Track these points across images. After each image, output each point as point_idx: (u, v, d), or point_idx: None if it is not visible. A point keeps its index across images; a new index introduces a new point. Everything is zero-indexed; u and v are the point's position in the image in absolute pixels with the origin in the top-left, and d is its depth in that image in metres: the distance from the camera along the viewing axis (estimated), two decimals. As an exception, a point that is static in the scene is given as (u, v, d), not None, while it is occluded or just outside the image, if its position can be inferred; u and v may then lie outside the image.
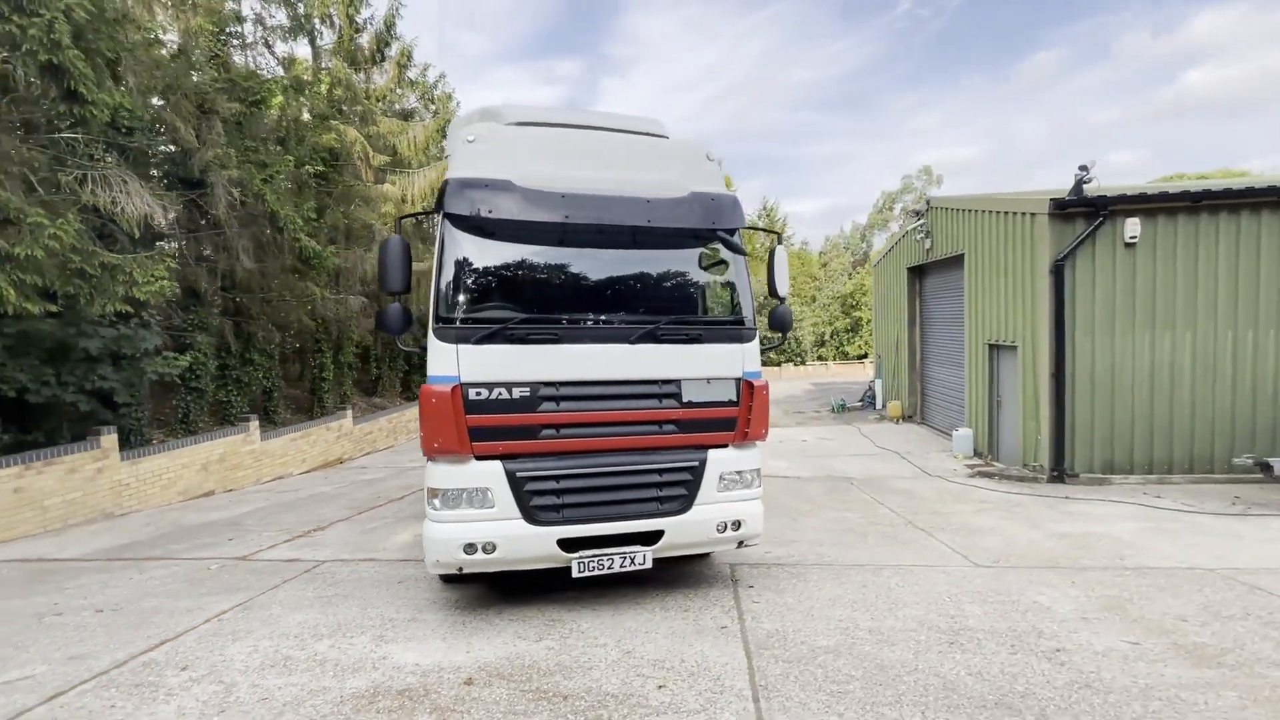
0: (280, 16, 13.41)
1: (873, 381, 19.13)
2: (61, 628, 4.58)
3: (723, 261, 4.95)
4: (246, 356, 12.84)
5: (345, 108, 14.78)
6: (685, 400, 4.58)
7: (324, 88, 14.43)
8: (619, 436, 4.48)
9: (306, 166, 12.39)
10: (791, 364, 34.46)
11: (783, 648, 3.96)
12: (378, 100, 16.37)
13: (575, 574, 4.34)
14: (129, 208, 7.76)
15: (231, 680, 3.68)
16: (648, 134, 5.29)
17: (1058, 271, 9.10)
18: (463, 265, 4.39)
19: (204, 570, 5.91)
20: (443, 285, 4.32)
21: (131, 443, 9.61)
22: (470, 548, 4.18)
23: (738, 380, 4.71)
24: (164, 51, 9.49)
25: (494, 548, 4.21)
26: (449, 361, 4.20)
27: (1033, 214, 9.59)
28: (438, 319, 4.26)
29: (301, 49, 15.39)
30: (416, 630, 4.34)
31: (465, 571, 4.32)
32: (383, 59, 16.26)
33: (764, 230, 5.64)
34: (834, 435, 14.85)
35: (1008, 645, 3.92)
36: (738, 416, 4.70)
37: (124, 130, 9.36)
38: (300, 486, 10.92)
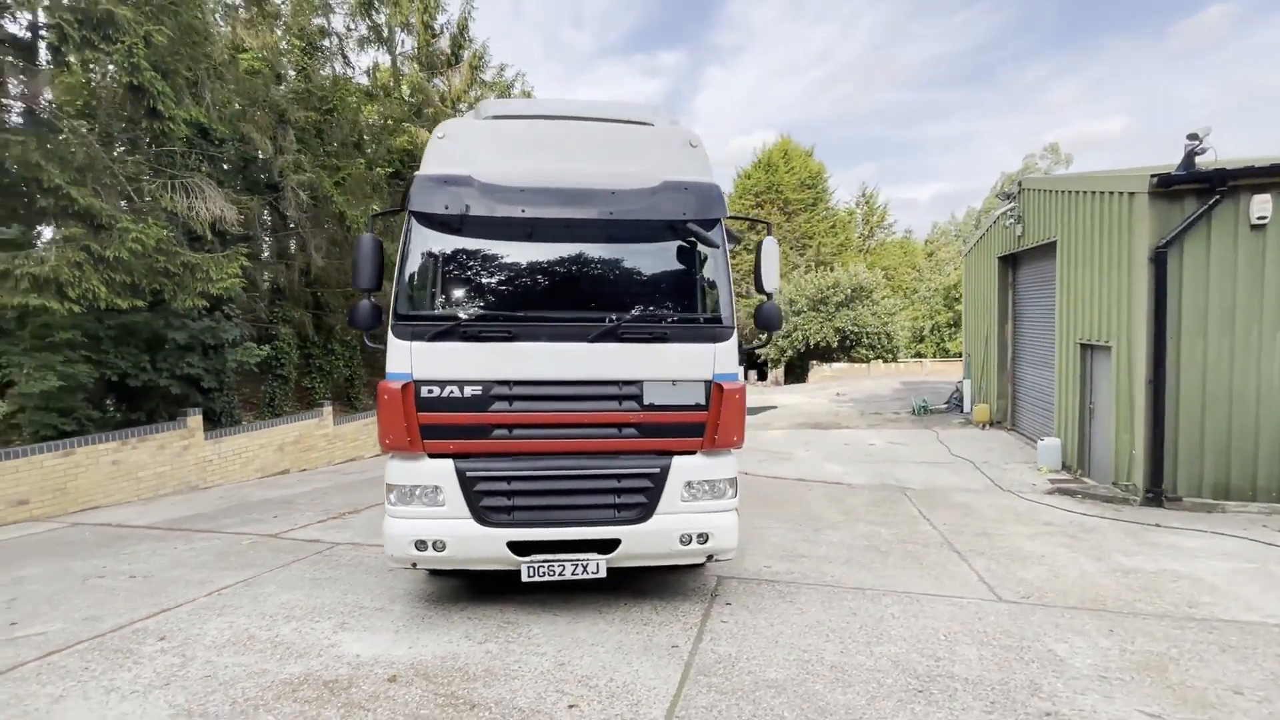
0: (361, 28, 14.32)
1: (960, 382, 17.51)
2: (95, 590, 5.14)
3: (697, 253, 4.61)
4: (328, 346, 13.93)
5: (422, 110, 15.52)
6: (647, 403, 4.32)
7: (404, 91, 15.26)
8: (574, 439, 4.31)
9: (378, 169, 13.15)
10: (881, 361, 32.38)
11: (725, 676, 3.63)
12: (454, 101, 17.09)
13: (524, 579, 4.24)
14: (202, 211, 8.58)
15: (192, 654, 3.93)
16: (630, 121, 5.03)
17: (1159, 260, 7.77)
18: (423, 262, 4.40)
19: (237, 545, 6.43)
20: (403, 282, 4.35)
21: (222, 423, 10.73)
22: (421, 544, 4.20)
23: (708, 383, 4.38)
24: (243, 68, 10.41)
25: (444, 546, 4.20)
26: (404, 359, 4.22)
27: (1131, 193, 8.24)
28: (396, 315, 4.30)
29: (379, 57, 16.35)
30: (377, 620, 4.45)
31: (420, 567, 4.36)
32: (457, 61, 16.94)
33: (752, 220, 5.20)
34: (906, 440, 13.75)
35: (986, 701, 3.35)
36: (707, 421, 4.38)
37: (216, 141, 10.39)
38: (365, 469, 11.69)
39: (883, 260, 46.84)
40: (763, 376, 40.49)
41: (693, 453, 4.41)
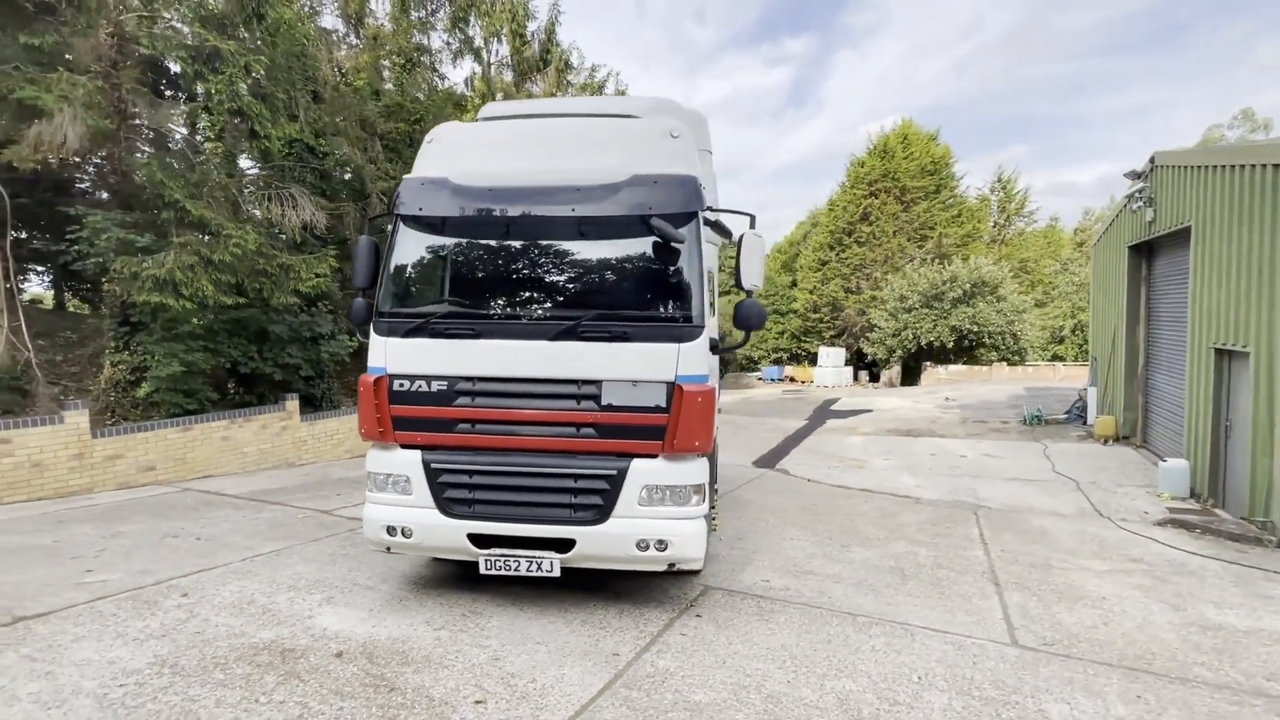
0: (454, 42, 15.28)
1: (1084, 390, 15.32)
2: (164, 548, 5.97)
3: (671, 250, 4.41)
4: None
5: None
6: (605, 403, 4.22)
7: (497, 99, 16.09)
8: (534, 436, 4.32)
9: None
10: (1005, 363, 29.13)
11: (647, 692, 3.47)
12: (542, 106, 17.74)
13: (481, 570, 4.32)
14: (294, 218, 9.63)
15: (198, 612, 4.44)
16: (613, 116, 4.93)
17: (1308, 247, 6.28)
18: (402, 261, 4.62)
19: (292, 518, 7.17)
20: (386, 280, 4.59)
21: (321, 407, 12.00)
22: (392, 530, 4.43)
23: (670, 384, 4.19)
24: (340, 87, 11.52)
25: (411, 533, 4.39)
26: (380, 353, 4.47)
27: (1275, 165, 6.73)
28: (377, 313, 4.55)
29: (474, 67, 17.32)
30: (360, 598, 4.75)
31: (393, 551, 4.60)
32: (545, 65, 17.55)
33: (732, 213, 4.86)
34: (1007, 453, 12.29)
35: (922, 759, 2.91)
36: (668, 424, 4.20)
37: (320, 154, 11.61)
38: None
39: (1020, 252, 42.12)
40: (875, 378, 38.09)
41: (654, 456, 4.25)
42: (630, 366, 4.21)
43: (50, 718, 3.14)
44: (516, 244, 4.59)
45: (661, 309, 4.36)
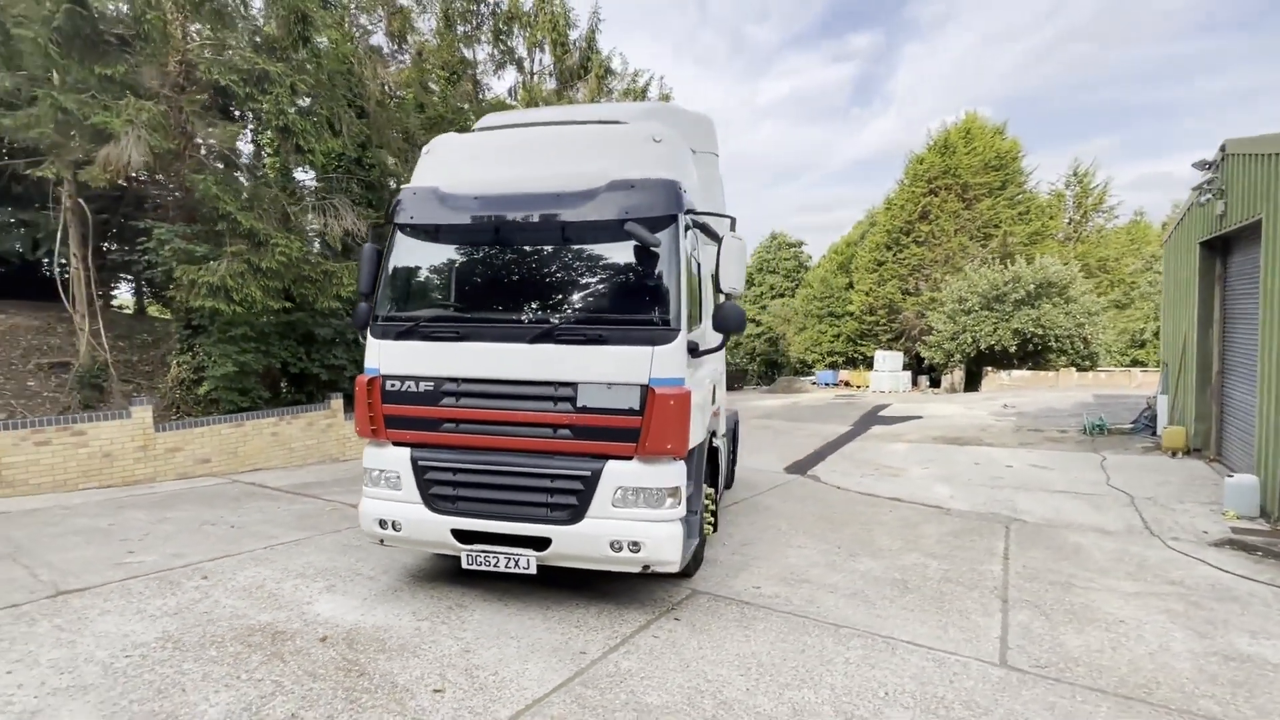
0: (496, 53, 15.78)
1: (1153, 398, 14.19)
2: (201, 534, 6.46)
3: (649, 253, 4.43)
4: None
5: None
6: (580, 405, 4.29)
7: (539, 107, 16.51)
8: (513, 436, 4.43)
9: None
10: (1075, 369, 27.26)
11: (601, 691, 3.51)
12: (583, 113, 18.05)
13: (463, 565, 4.48)
14: (336, 228, 10.21)
15: (210, 594, 4.80)
16: (601, 122, 5.00)
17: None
18: (397, 268, 4.85)
19: (320, 510, 7.60)
20: (383, 285, 4.83)
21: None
22: (383, 524, 4.65)
23: (643, 387, 4.22)
24: (378, 103, 12.13)
25: (400, 527, 4.60)
26: (375, 355, 4.71)
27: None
28: (373, 316, 4.80)
29: (518, 77, 17.80)
30: (359, 587, 5.01)
31: (385, 544, 4.82)
32: (585, 73, 17.85)
33: (713, 215, 4.81)
34: (1058, 464, 11.55)
35: (861, 776, 2.81)
36: (641, 427, 4.22)
37: (366, 166, 12.26)
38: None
39: (1099, 250, 39.43)
40: (935, 383, 36.50)
41: (628, 458, 4.28)
42: (605, 369, 4.27)
43: (61, 681, 3.49)
44: (501, 250, 4.74)
45: (637, 312, 4.40)
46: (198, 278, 9.00)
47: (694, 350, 4.46)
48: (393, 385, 4.62)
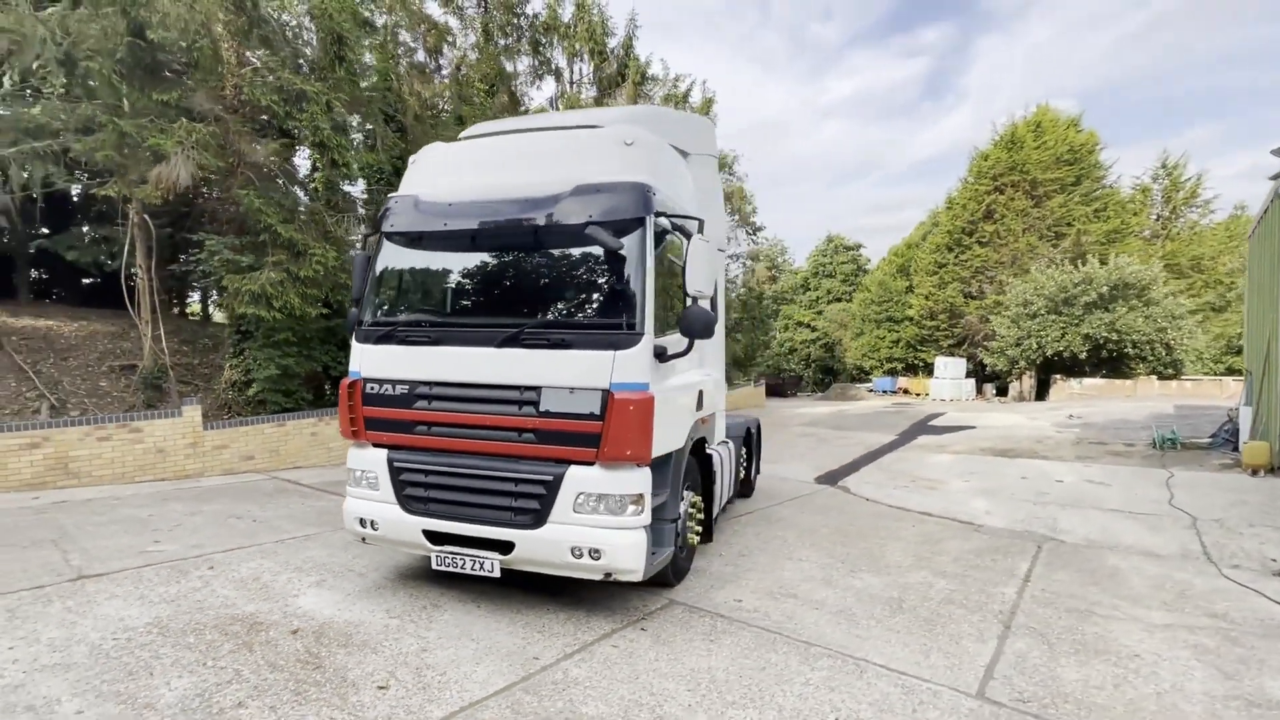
0: (535, 63, 16.13)
1: (1235, 409, 12.86)
2: (225, 527, 6.87)
3: (615, 257, 4.38)
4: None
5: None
6: (543, 409, 4.29)
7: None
8: (481, 440, 4.48)
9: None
10: (1156, 377, 25.06)
11: (540, 699, 3.47)
12: (621, 120, 18.17)
13: (433, 566, 4.56)
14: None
15: (209, 584, 5.08)
16: (577, 127, 5.00)
17: None
18: (380, 274, 5.00)
19: (338, 507, 7.90)
20: (367, 291, 5.00)
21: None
22: (363, 522, 4.80)
23: (605, 391, 4.17)
24: (415, 116, 12.61)
25: (378, 526, 4.73)
26: (358, 359, 4.87)
27: None
28: (358, 321, 4.97)
29: (556, 87, 18.11)
30: (347, 583, 5.17)
31: (367, 542, 4.96)
32: (622, 80, 17.97)
33: (680, 218, 4.67)
34: (1117, 480, 10.66)
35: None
36: (601, 432, 4.17)
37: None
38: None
39: (1192, 248, 36.28)
40: (1002, 392, 34.53)
41: (591, 464, 4.24)
42: (568, 373, 4.25)
43: (51, 659, 3.77)
44: (473, 255, 4.82)
45: (602, 316, 4.36)
46: (241, 286, 9.61)
47: (661, 355, 4.37)
48: (372, 388, 4.77)
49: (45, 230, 12.83)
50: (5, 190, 10.79)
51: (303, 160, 12.91)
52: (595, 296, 4.50)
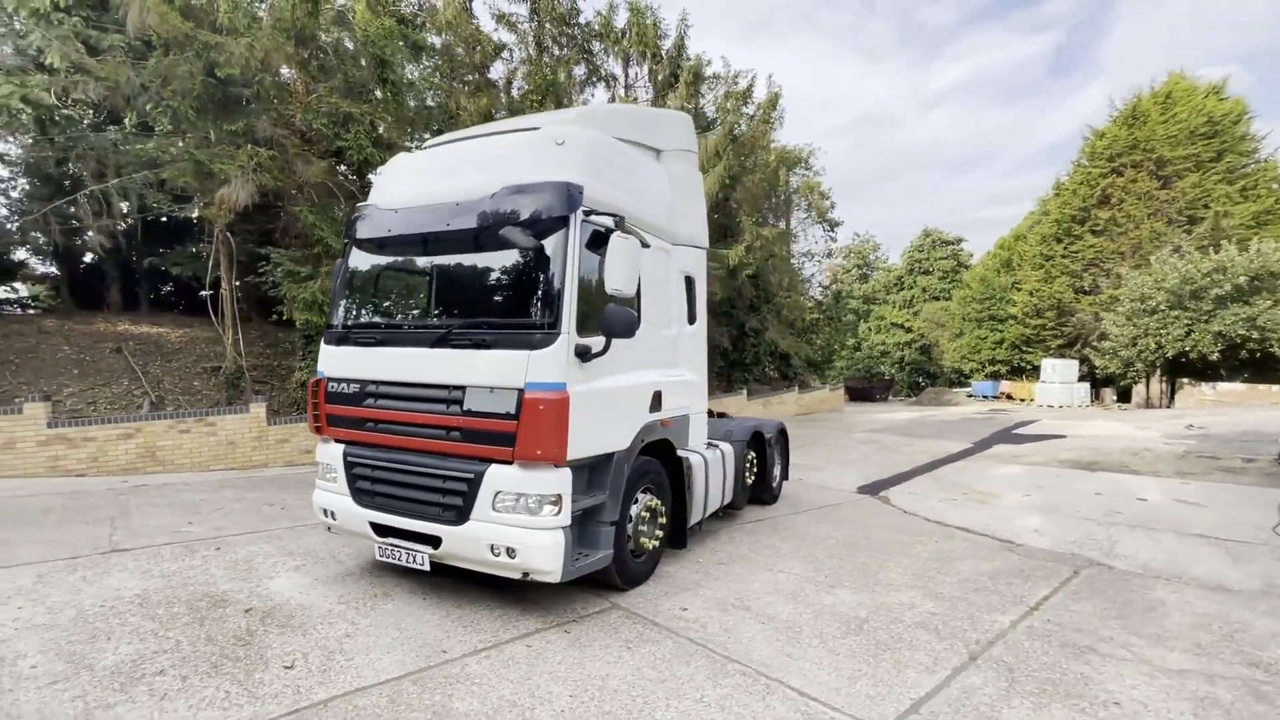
0: (583, 72, 16.44)
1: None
2: (253, 513, 7.56)
3: (539, 257, 4.38)
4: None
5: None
6: (467, 408, 4.37)
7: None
8: (415, 437, 4.63)
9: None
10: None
11: (422, 691, 3.52)
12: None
13: (376, 556, 4.77)
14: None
15: (208, 563, 5.61)
16: (516, 131, 5.05)
17: None
18: (343, 279, 5.31)
19: (363, 498, 8.47)
20: (335, 295, 5.34)
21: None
22: (325, 512, 5.12)
23: (519, 391, 4.18)
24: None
25: (336, 516, 5.03)
26: (322, 359, 5.21)
27: None
28: (326, 324, 5.31)
29: (604, 94, 18.32)
30: (322, 569, 5.52)
31: (332, 531, 5.27)
32: (675, 81, 17.88)
33: (601, 214, 4.53)
34: (1215, 500, 9.20)
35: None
36: (515, 431, 4.18)
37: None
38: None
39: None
40: (1125, 398, 30.76)
41: (509, 463, 4.27)
42: (488, 373, 4.30)
43: (42, 620, 4.34)
44: (414, 260, 5.02)
45: (522, 315, 4.38)
46: (297, 294, 10.54)
47: (583, 353, 4.32)
48: (333, 387, 5.08)
49: (160, 249, 14.77)
50: (109, 216, 12.53)
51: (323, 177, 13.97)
52: (517, 296, 4.53)
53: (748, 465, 7.87)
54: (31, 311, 16.02)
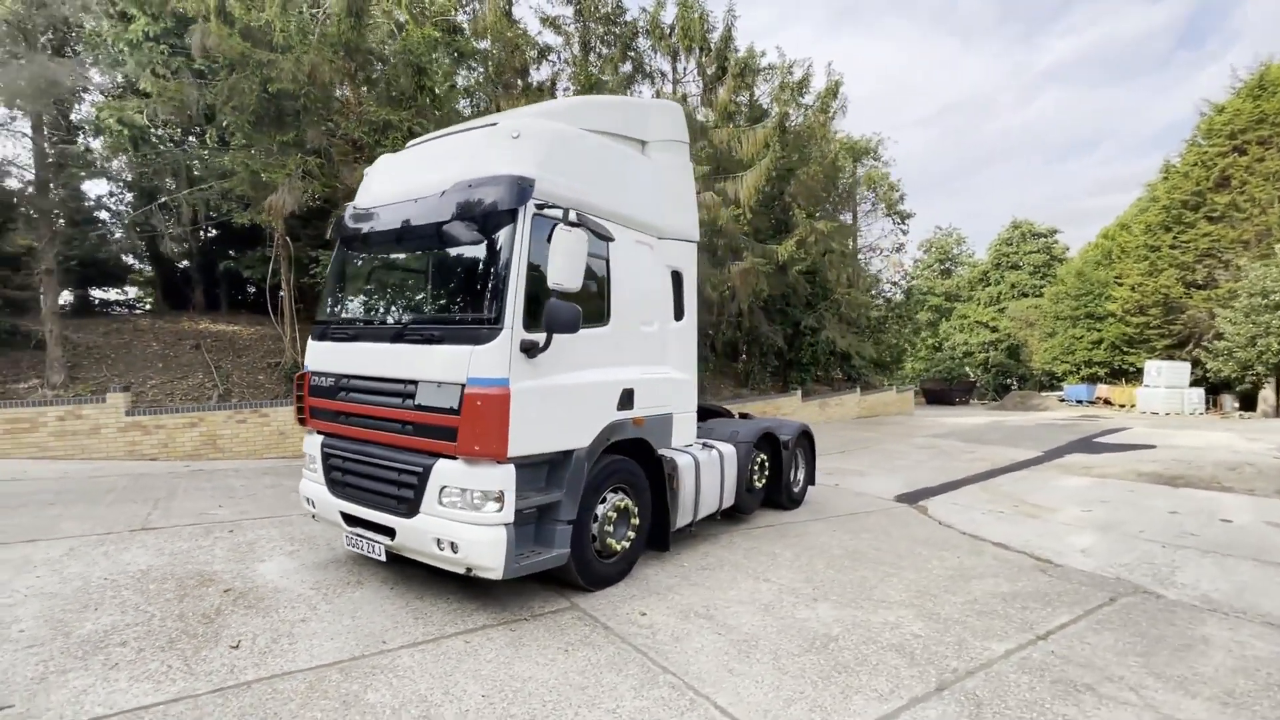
0: (629, 70, 16.41)
1: None
2: (279, 499, 8.03)
3: (489, 252, 4.36)
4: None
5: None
6: (418, 403, 4.42)
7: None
8: (376, 430, 4.73)
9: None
10: None
11: (345, 679, 3.56)
12: (723, 113, 17.70)
13: (345, 545, 4.91)
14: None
15: (216, 544, 5.99)
16: (479, 127, 5.04)
17: None
18: (330, 276, 5.52)
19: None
20: (323, 292, 5.56)
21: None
22: (308, 500, 5.34)
23: (462, 386, 4.18)
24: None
25: (315, 504, 5.23)
26: (308, 353, 5.43)
27: None
28: (314, 320, 5.54)
29: (651, 89, 18.17)
30: (312, 555, 5.78)
31: (316, 519, 5.48)
32: (723, 74, 17.49)
33: (551, 206, 4.39)
34: (1319, 524, 7.92)
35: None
36: (458, 426, 4.18)
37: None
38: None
39: None
40: (1249, 405, 27.28)
41: (454, 457, 4.27)
42: (436, 368, 4.33)
43: (53, 588, 4.77)
44: (381, 256, 5.13)
45: (469, 310, 4.37)
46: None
47: (529, 349, 4.25)
48: (314, 380, 5.29)
49: (234, 254, 16.10)
50: (184, 224, 13.75)
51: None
52: (466, 291, 4.53)
53: (756, 468, 7.53)
54: (137, 311, 17.90)
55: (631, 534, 5.29)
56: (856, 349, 23.31)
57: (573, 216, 4.34)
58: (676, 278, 6.02)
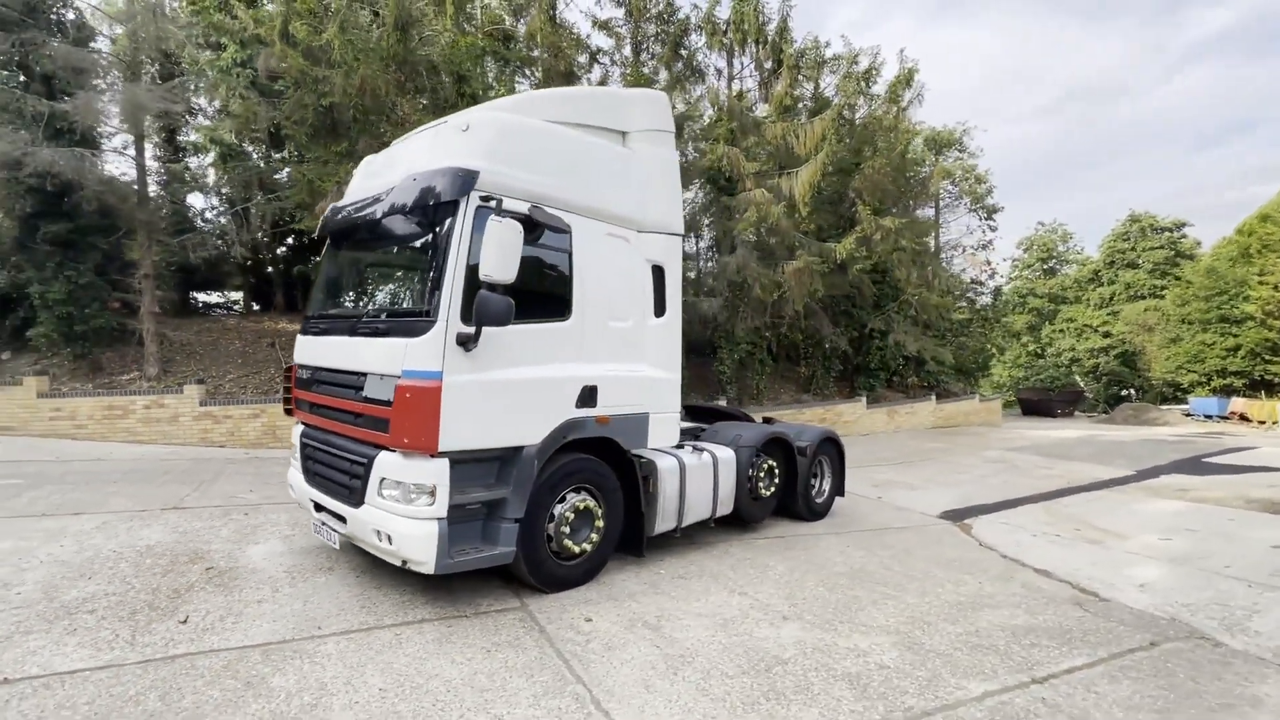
0: (681, 69, 16.22)
1: None
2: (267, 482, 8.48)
3: (431, 245, 4.36)
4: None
5: (734, 132, 16.31)
6: (364, 395, 4.49)
7: (724, 125, 16.36)
8: (336, 420, 4.85)
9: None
10: None
11: (264, 661, 3.65)
12: (778, 107, 17.06)
13: (313, 532, 5.07)
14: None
15: (226, 526, 6.40)
16: (441, 123, 5.05)
17: None
18: (318, 272, 5.74)
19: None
20: (312, 288, 5.81)
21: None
22: (290, 488, 5.58)
23: (397, 378, 4.19)
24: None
25: (294, 490, 5.46)
26: (296, 347, 5.68)
27: None
28: (303, 315, 5.79)
29: (700, 90, 17.79)
30: (304, 540, 6.02)
31: (300, 506, 5.71)
32: (779, 67, 16.87)
33: (491, 197, 4.26)
34: None
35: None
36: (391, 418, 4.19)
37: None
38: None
39: None
40: None
41: (394, 450, 4.29)
42: (380, 360, 4.38)
43: (69, 558, 5.24)
44: (350, 252, 5.27)
45: (409, 303, 4.39)
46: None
47: (465, 341, 4.19)
48: (298, 373, 5.53)
49: (309, 259, 17.36)
50: (259, 231, 14.95)
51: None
52: (409, 284, 4.57)
53: (763, 475, 7.10)
54: (230, 312, 19.75)
55: (595, 536, 5.11)
56: (932, 353, 21.73)
57: (509, 206, 4.25)
58: (658, 272, 5.79)
